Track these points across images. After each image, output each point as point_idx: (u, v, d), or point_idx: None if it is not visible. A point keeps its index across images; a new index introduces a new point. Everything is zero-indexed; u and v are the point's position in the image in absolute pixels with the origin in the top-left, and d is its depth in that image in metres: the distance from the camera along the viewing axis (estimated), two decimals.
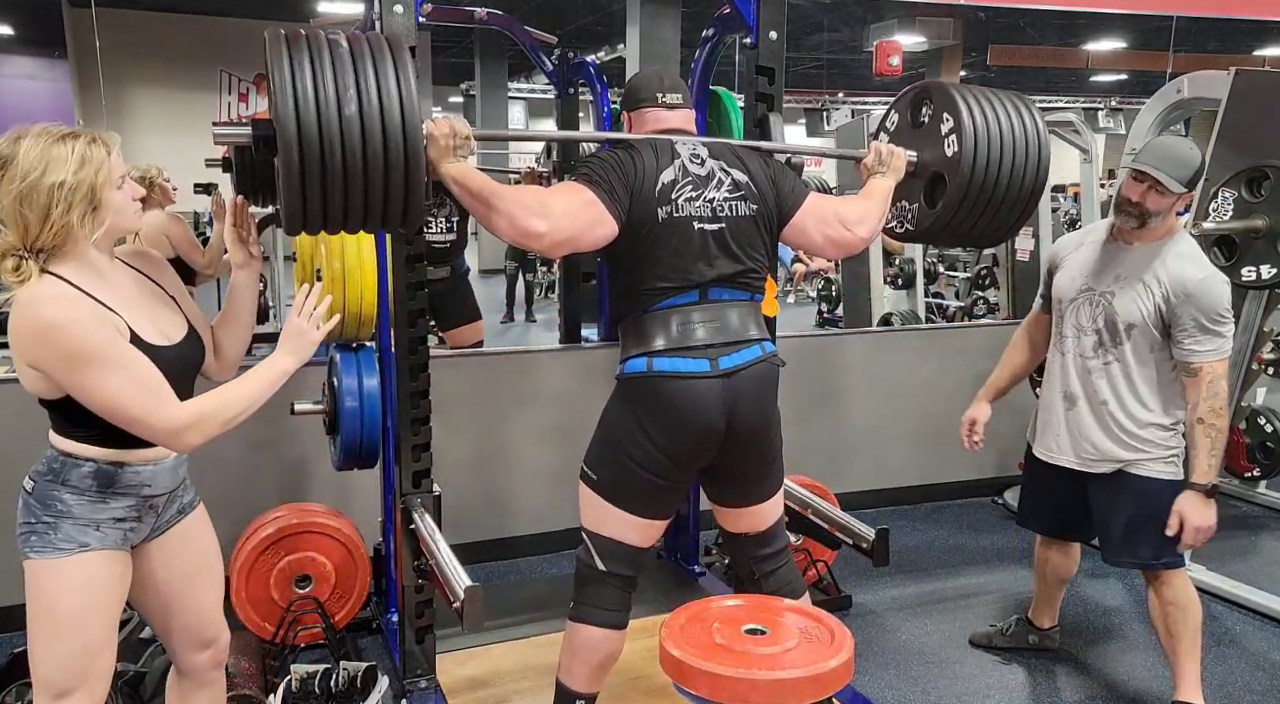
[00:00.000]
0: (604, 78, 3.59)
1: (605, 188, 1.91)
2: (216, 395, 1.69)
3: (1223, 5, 7.38)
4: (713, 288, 1.98)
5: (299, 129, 1.59)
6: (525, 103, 16.59)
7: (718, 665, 1.75)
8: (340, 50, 1.66)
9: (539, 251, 1.88)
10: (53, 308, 1.55)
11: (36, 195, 1.56)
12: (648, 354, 1.95)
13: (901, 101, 2.40)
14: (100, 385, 1.58)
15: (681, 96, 2.12)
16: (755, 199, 2.03)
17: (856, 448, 4.11)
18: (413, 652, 2.51)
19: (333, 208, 1.66)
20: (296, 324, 1.80)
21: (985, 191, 2.16)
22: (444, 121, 1.81)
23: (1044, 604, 2.90)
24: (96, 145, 1.62)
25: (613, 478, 2.02)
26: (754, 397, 2.00)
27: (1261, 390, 4.03)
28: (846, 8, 12.48)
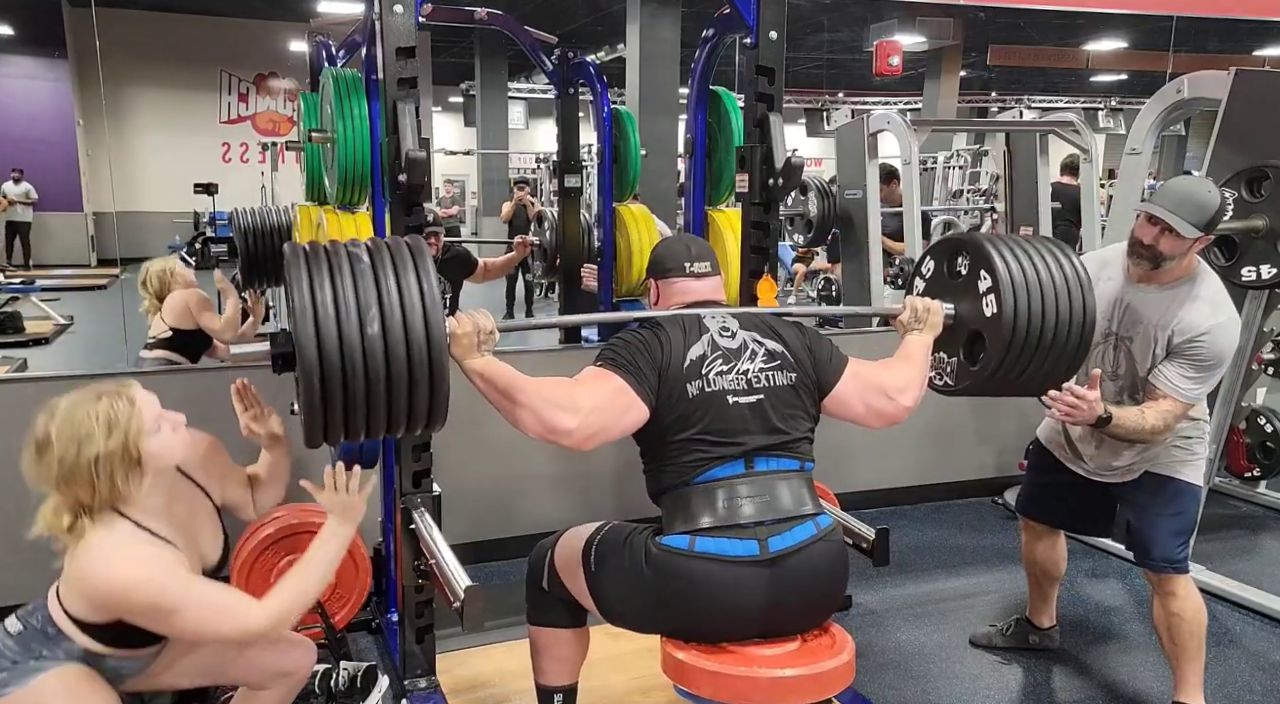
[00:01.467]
0: (604, 78, 3.59)
1: (633, 371, 1.83)
2: (289, 583, 1.76)
3: (1223, 5, 7.37)
4: (759, 457, 1.86)
5: (320, 353, 1.55)
6: (525, 103, 16.58)
7: (718, 665, 1.75)
8: (361, 265, 1.62)
9: (568, 448, 1.79)
10: (129, 567, 1.60)
11: (78, 474, 1.60)
12: (691, 533, 1.80)
13: (937, 250, 2.29)
14: (185, 624, 1.65)
15: (709, 264, 2.05)
16: (793, 367, 1.92)
17: (856, 448, 4.10)
18: (413, 652, 2.51)
19: (355, 423, 1.63)
20: (340, 500, 1.85)
21: (1028, 352, 2.06)
22: (467, 319, 1.76)
23: (1040, 603, 2.91)
24: (120, 400, 1.65)
25: (606, 595, 1.93)
26: (807, 585, 1.83)
27: (1261, 390, 4.03)
28: (846, 8, 12.47)
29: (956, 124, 12.94)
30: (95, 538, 1.61)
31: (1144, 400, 2.35)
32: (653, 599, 1.83)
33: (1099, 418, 2.23)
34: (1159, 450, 2.42)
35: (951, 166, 11.28)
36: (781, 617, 1.83)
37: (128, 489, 1.63)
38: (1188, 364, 2.28)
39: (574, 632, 2.07)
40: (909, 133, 4.81)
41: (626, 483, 3.51)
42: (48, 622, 1.69)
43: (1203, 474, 2.46)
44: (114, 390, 1.66)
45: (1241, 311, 3.22)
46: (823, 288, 9.46)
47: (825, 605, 1.91)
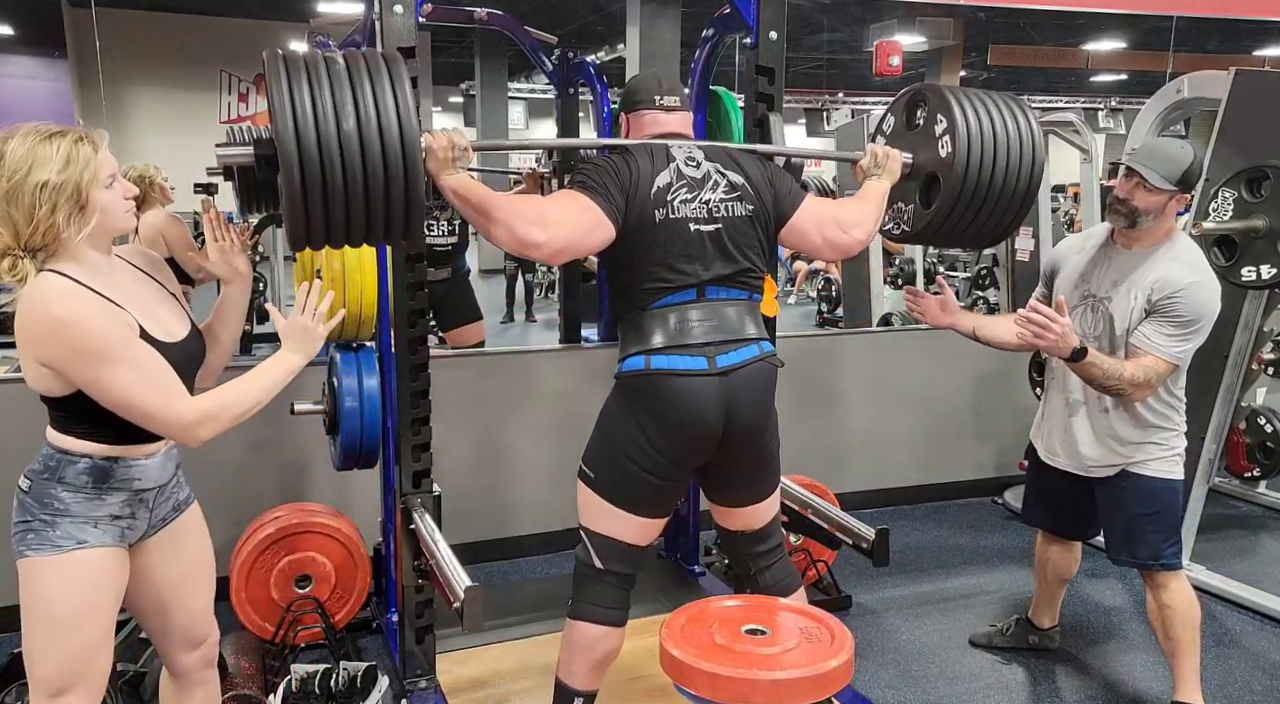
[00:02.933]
0: (604, 78, 3.59)
1: (602, 193, 1.93)
2: (228, 390, 1.70)
3: (1223, 5, 7.38)
4: (710, 287, 2.00)
5: (299, 148, 1.62)
6: (525, 103, 16.58)
7: (718, 665, 1.75)
8: (337, 68, 1.68)
9: (539, 260, 1.90)
10: (63, 304, 1.55)
11: (21, 195, 1.55)
12: (645, 352, 1.97)
13: (897, 104, 2.41)
14: (114, 381, 1.58)
15: (679, 99, 2.14)
16: (752, 200, 2.04)
17: (856, 448, 4.11)
18: (413, 652, 2.51)
19: (335, 223, 1.69)
20: (301, 322, 1.81)
21: (980, 192, 2.18)
22: (442, 135, 1.83)
23: (1044, 603, 2.91)
24: (84, 143, 1.61)
25: (610, 476, 2.03)
26: (751, 396, 2.01)
27: (1261, 390, 4.03)
28: (846, 8, 12.47)
29: None
30: (37, 283, 1.56)
31: (1122, 351, 2.38)
32: (630, 422, 1.99)
33: (1074, 350, 2.25)
34: (1137, 448, 2.43)
35: None
36: (733, 423, 1.99)
37: (67, 231, 1.58)
38: (1165, 321, 2.31)
39: (613, 631, 2.08)
40: None
41: None
42: (48, 455, 1.67)
43: (1181, 467, 2.47)
44: (83, 132, 1.63)
45: (1241, 312, 3.22)
46: (822, 288, 9.47)
47: (764, 419, 2.08)
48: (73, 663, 1.66)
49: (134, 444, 1.70)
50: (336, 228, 1.70)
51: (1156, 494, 2.44)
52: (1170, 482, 2.45)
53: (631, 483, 2.01)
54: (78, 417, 1.65)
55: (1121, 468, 2.45)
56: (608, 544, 2.05)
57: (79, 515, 1.66)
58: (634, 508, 2.03)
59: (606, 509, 2.04)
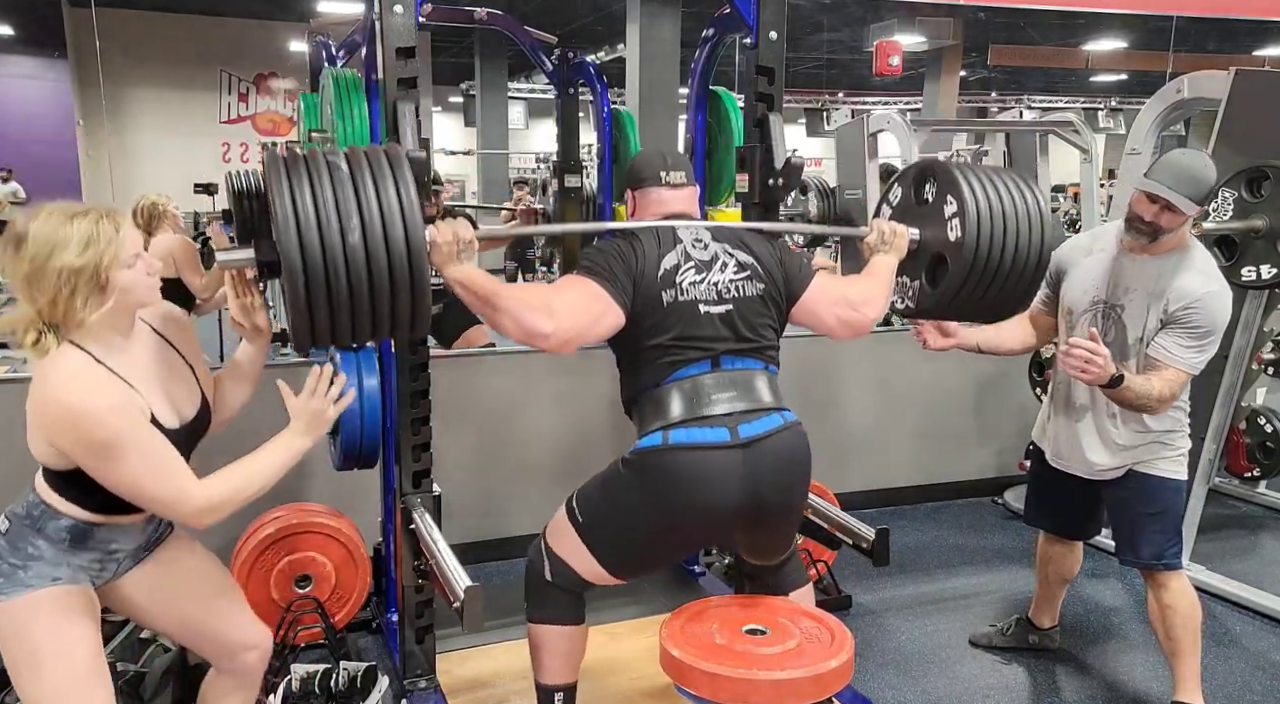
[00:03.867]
0: (604, 78, 3.59)
1: (609, 278, 1.89)
2: (233, 476, 1.71)
3: (1223, 5, 7.38)
4: (725, 357, 1.94)
5: (304, 259, 1.59)
6: (525, 103, 16.57)
7: (718, 665, 1.75)
8: (340, 173, 1.65)
9: (547, 350, 1.84)
10: (78, 393, 1.57)
11: (44, 277, 1.57)
12: (663, 428, 1.88)
13: (905, 176, 2.36)
14: (121, 471, 1.60)
15: (684, 175, 2.11)
16: (762, 279, 2.00)
17: (856, 448, 4.11)
18: (413, 652, 2.51)
19: (340, 328, 1.66)
20: (313, 405, 1.81)
21: (987, 275, 2.13)
22: (446, 228, 1.79)
23: (1045, 603, 2.91)
24: (104, 224, 1.61)
25: (601, 535, 1.98)
26: (780, 470, 1.91)
27: (1261, 390, 4.03)
28: (846, 8, 12.46)
29: (956, 124, 12.92)
30: (55, 359, 1.58)
31: (1132, 367, 2.37)
32: (637, 502, 1.89)
33: (1112, 377, 2.23)
34: (1142, 448, 2.43)
35: None
36: (758, 503, 1.88)
37: (85, 313, 1.59)
38: (1184, 333, 2.30)
39: (574, 628, 2.08)
40: (909, 133, 4.81)
41: None
42: (33, 505, 1.68)
43: (1185, 467, 2.47)
44: (105, 211, 1.63)
45: (1241, 312, 3.22)
46: None
47: (797, 492, 1.99)
48: (69, 696, 1.66)
49: (120, 514, 1.72)
50: (342, 332, 1.67)
51: (1161, 493, 2.45)
52: (1175, 481, 2.45)
53: (622, 552, 1.97)
54: (72, 485, 1.66)
55: (1128, 468, 2.46)
56: (565, 571, 2.03)
57: (52, 561, 1.67)
58: (612, 569, 1.99)
59: (580, 550, 2.00)
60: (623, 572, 2.01)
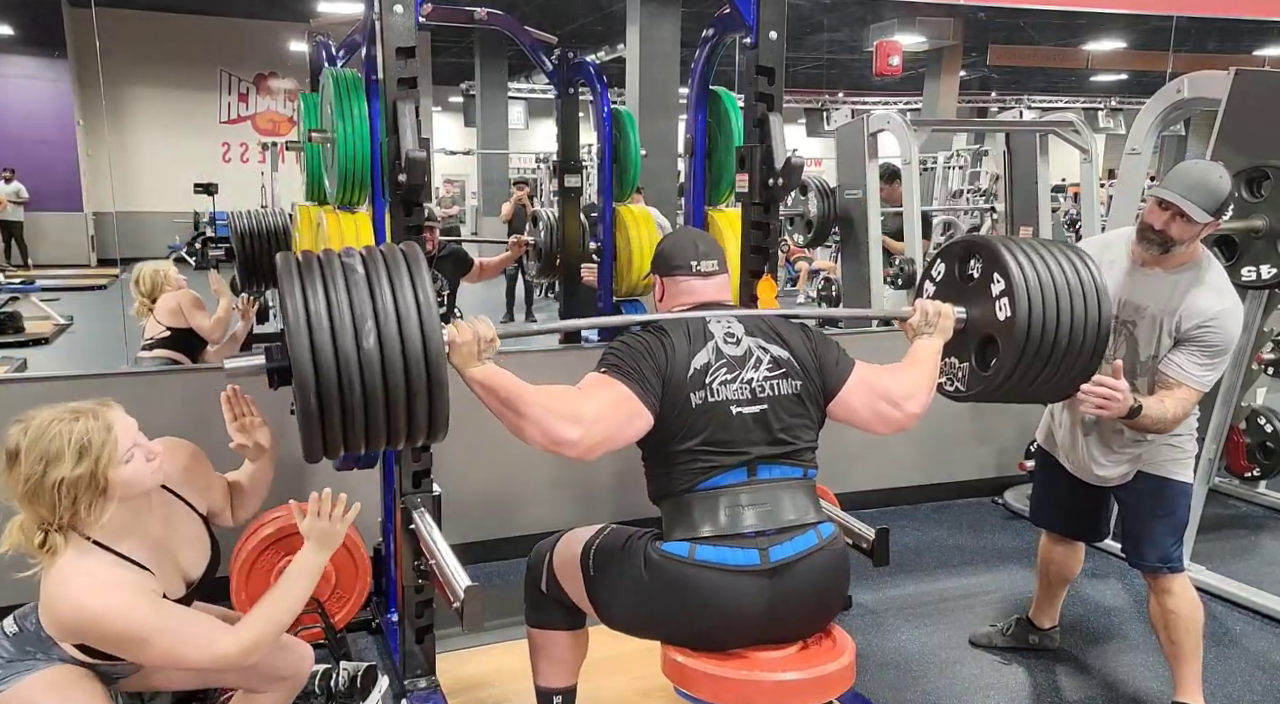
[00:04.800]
0: (604, 78, 3.59)
1: (636, 378, 1.80)
2: (260, 614, 1.74)
3: (1223, 5, 7.38)
4: (761, 465, 1.84)
5: (316, 367, 1.51)
6: (525, 103, 16.57)
7: (719, 668, 1.75)
8: (355, 276, 1.58)
9: (572, 458, 1.75)
10: (97, 597, 1.58)
11: (42, 494, 1.57)
12: (692, 540, 1.79)
13: (949, 252, 2.25)
14: (153, 655, 1.63)
15: (716, 263, 2.02)
16: (798, 375, 1.90)
17: (856, 448, 4.10)
18: (413, 652, 2.51)
19: (353, 437, 1.60)
20: (322, 525, 1.84)
21: (1041, 358, 2.02)
22: (466, 327, 1.72)
23: (1045, 604, 2.90)
24: (95, 425, 1.60)
25: (605, 603, 1.91)
26: (810, 593, 1.83)
27: (1261, 390, 4.03)
28: (846, 8, 12.47)
29: (956, 124, 12.94)
30: (65, 562, 1.59)
31: (1142, 384, 2.37)
32: (651, 605, 1.82)
33: (1130, 409, 2.21)
34: (1150, 450, 2.42)
35: (951, 166, 11.26)
36: (780, 624, 1.82)
37: (89, 516, 1.60)
38: (1198, 351, 2.28)
39: (572, 634, 2.07)
40: (909, 133, 4.81)
41: (626, 485, 3.51)
42: (40, 626, 1.69)
43: (1193, 471, 2.47)
44: (92, 411, 1.62)
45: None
46: (823, 287, 9.46)
47: (825, 613, 1.90)
48: None
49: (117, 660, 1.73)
50: (355, 441, 1.60)
51: (1169, 496, 2.44)
52: (1182, 484, 2.44)
53: (623, 623, 1.91)
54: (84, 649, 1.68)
55: (1135, 470, 2.46)
56: (562, 595, 2.01)
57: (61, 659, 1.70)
58: (611, 624, 1.93)
59: (583, 598, 1.95)
60: (624, 631, 1.94)
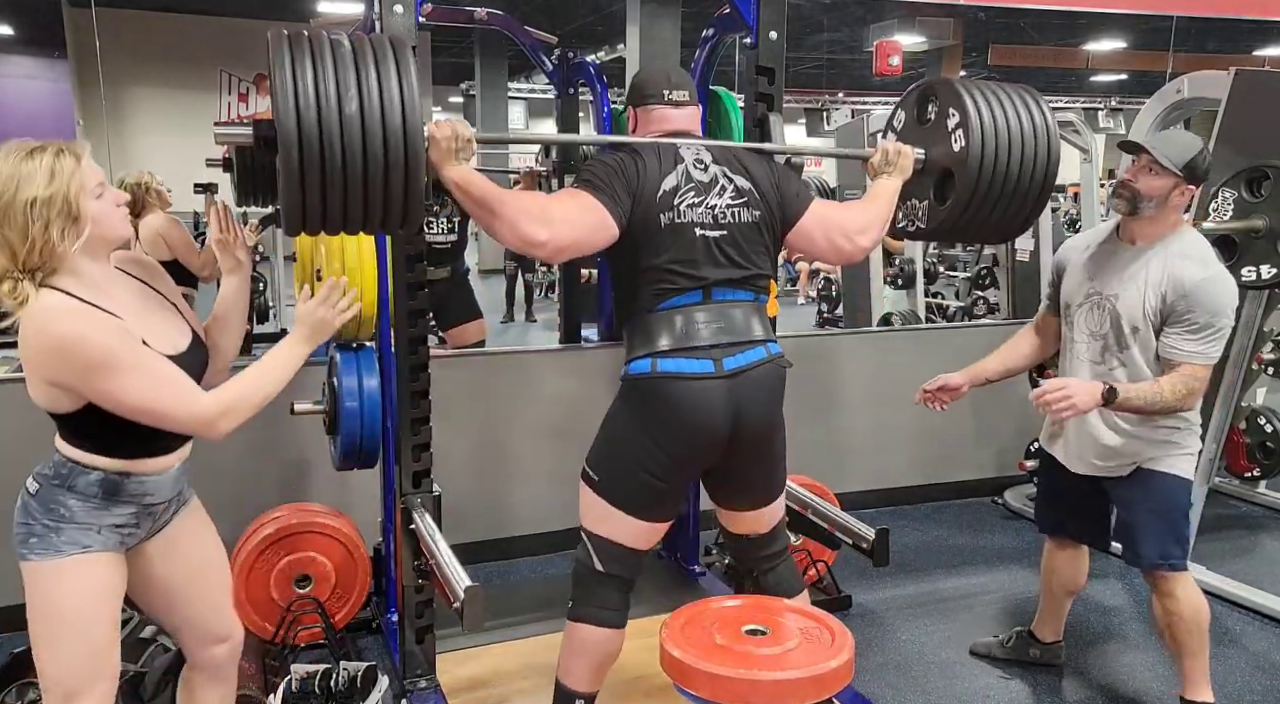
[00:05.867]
0: (604, 78, 3.59)
1: (607, 192, 1.91)
2: (242, 382, 1.72)
3: (1223, 5, 7.38)
4: (716, 288, 1.98)
5: (299, 128, 1.58)
6: (525, 103, 16.57)
7: (718, 666, 1.75)
8: (342, 51, 1.66)
9: (541, 258, 1.87)
10: (65, 322, 1.55)
11: (12, 216, 1.55)
12: (652, 355, 1.95)
13: (907, 99, 2.37)
14: (127, 389, 1.59)
15: (688, 93, 2.12)
16: (759, 205, 2.02)
17: (856, 448, 4.11)
18: (413, 652, 2.51)
19: (332, 208, 1.66)
20: (320, 312, 1.84)
21: (995, 185, 2.13)
22: (446, 125, 1.80)
23: (1049, 615, 2.84)
24: (65, 156, 1.60)
25: (614, 479, 2.02)
26: (759, 399, 2.00)
27: (1261, 390, 4.03)
28: (846, 8, 12.47)
29: None
30: (37, 303, 1.56)
31: (1130, 357, 2.35)
32: (633, 425, 1.98)
33: (1103, 394, 2.20)
34: (1147, 444, 2.39)
35: None
36: (740, 426, 1.97)
37: (63, 246, 1.57)
38: (1186, 326, 2.26)
39: (613, 632, 2.08)
40: None
41: None
42: (59, 463, 1.67)
43: (1193, 467, 2.43)
44: (64, 145, 1.63)
45: (1241, 312, 3.22)
46: (823, 287, 9.47)
47: (773, 417, 2.07)
48: (83, 665, 1.67)
49: (147, 458, 1.71)
50: (334, 213, 1.67)
51: (1167, 491, 2.40)
52: (1182, 479, 2.41)
53: (635, 486, 2.00)
54: (88, 432, 1.65)
55: (1136, 465, 2.42)
56: (608, 547, 2.04)
57: (84, 522, 1.67)
58: (637, 512, 2.02)
59: (609, 512, 2.03)
60: (648, 511, 2.03)
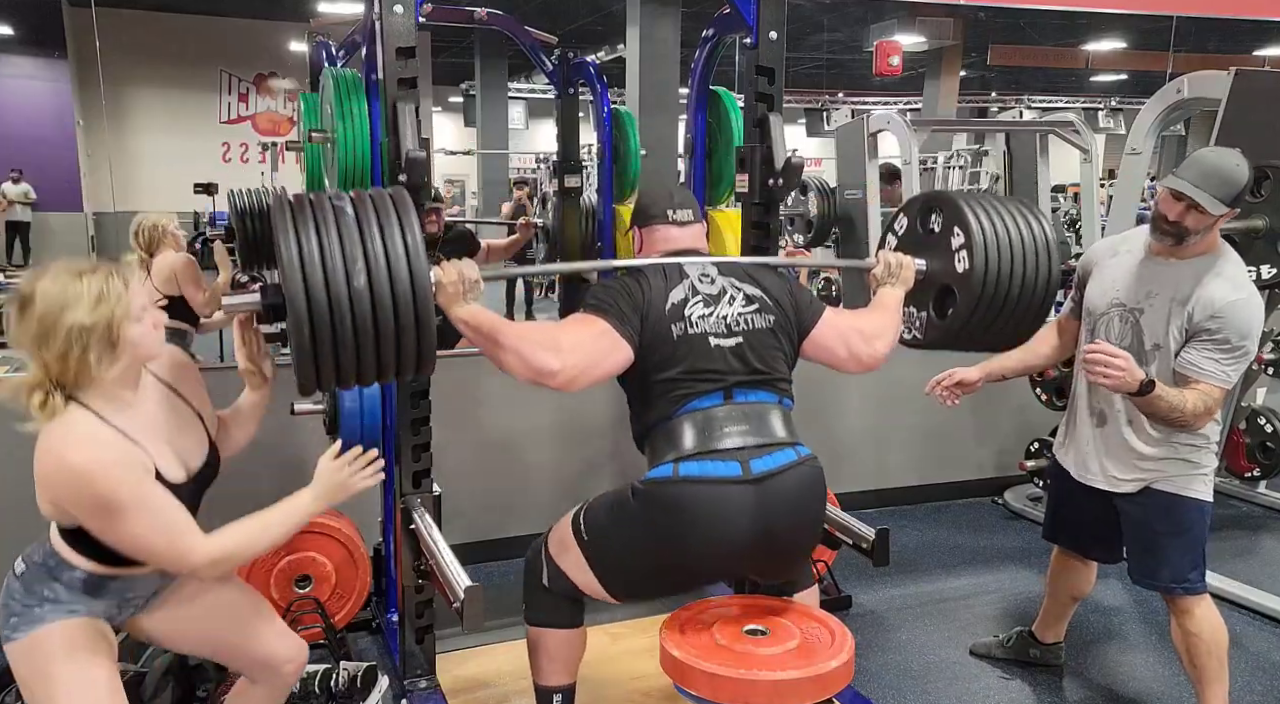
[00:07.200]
0: (604, 78, 3.59)
1: (615, 314, 1.87)
2: (241, 531, 1.73)
3: (1223, 5, 7.38)
4: (738, 390, 1.91)
5: (309, 302, 1.59)
6: (525, 103, 16.57)
7: (718, 666, 1.75)
8: (346, 218, 1.66)
9: (554, 388, 1.81)
10: (80, 453, 1.56)
11: (54, 337, 1.56)
12: (674, 459, 1.85)
13: (911, 207, 2.34)
14: (126, 530, 1.60)
15: (691, 212, 2.10)
16: (772, 310, 1.98)
17: (856, 448, 4.11)
18: (413, 652, 2.51)
19: (345, 370, 1.67)
20: (339, 476, 1.83)
21: (995, 308, 2.13)
22: (452, 268, 1.79)
23: (1051, 618, 2.81)
24: (114, 279, 1.61)
25: (604, 554, 1.95)
26: (794, 505, 1.88)
27: (1261, 390, 4.03)
28: (846, 8, 12.47)
29: (956, 124, 12.94)
30: (61, 419, 1.57)
31: (1150, 367, 2.26)
32: (644, 534, 1.86)
33: (1142, 383, 2.12)
34: (1163, 463, 2.31)
35: (951, 166, 11.26)
36: (770, 541, 1.85)
37: (99, 370, 1.59)
38: (1213, 346, 2.18)
39: (572, 632, 2.08)
40: (909, 133, 4.81)
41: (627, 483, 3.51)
42: (48, 554, 1.68)
43: (1210, 487, 2.33)
44: (110, 267, 1.64)
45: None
46: (822, 288, 9.47)
47: (810, 529, 1.97)
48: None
49: (132, 566, 1.72)
50: (347, 374, 1.68)
51: (1182, 513, 2.31)
52: (1198, 501, 2.31)
53: (625, 579, 1.95)
54: (81, 541, 1.67)
55: (1145, 484, 2.33)
56: (563, 582, 2.02)
57: (68, 602, 1.69)
58: (613, 591, 1.97)
59: (582, 567, 1.98)
60: (623, 595, 2.00)
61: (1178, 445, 2.30)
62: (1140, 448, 2.33)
